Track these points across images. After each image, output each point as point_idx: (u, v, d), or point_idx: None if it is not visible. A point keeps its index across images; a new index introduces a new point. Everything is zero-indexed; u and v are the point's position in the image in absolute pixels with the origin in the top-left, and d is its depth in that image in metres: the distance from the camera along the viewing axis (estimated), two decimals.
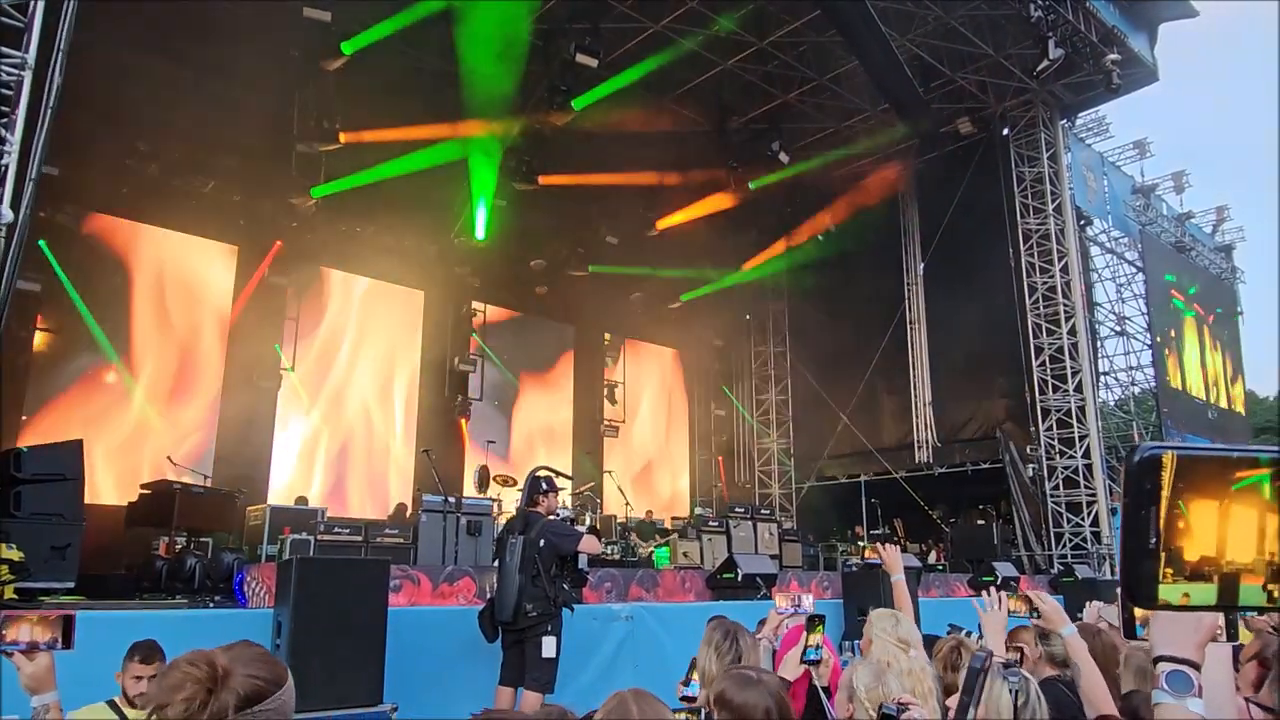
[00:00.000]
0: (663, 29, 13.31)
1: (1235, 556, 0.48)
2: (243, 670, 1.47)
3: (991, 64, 14.83)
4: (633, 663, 7.00)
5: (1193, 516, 0.49)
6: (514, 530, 5.96)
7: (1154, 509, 0.49)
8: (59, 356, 11.61)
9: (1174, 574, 0.48)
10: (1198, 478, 0.49)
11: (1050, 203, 15.43)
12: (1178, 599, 0.48)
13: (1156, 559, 0.48)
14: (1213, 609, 0.49)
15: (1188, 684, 1.30)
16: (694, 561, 11.28)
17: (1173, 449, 0.49)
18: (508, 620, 5.61)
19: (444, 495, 9.22)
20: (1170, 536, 0.48)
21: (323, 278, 14.42)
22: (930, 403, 17.02)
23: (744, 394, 19.95)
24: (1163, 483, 0.49)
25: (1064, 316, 15.11)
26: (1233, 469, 0.49)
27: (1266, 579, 0.48)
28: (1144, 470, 0.49)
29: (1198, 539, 0.49)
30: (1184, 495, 0.49)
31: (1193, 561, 0.49)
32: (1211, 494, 0.49)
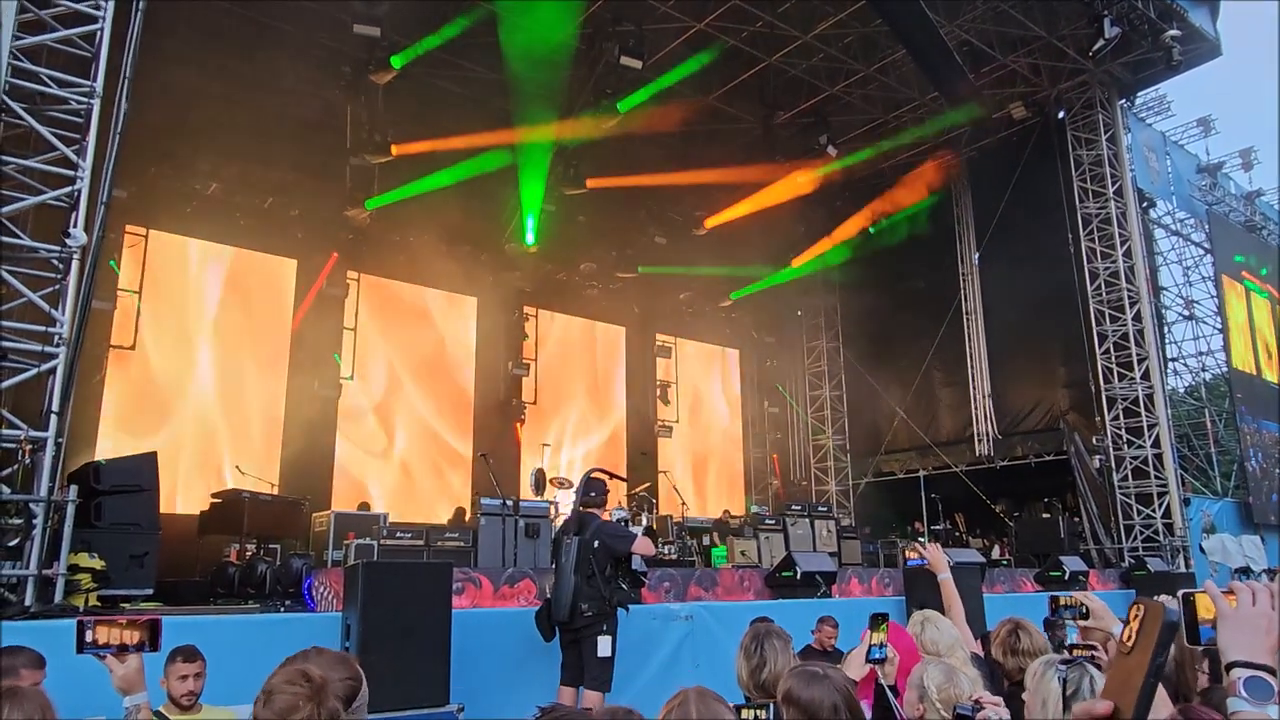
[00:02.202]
0: (705, 27, 13.27)
1: None
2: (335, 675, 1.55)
3: (1044, 46, 14.47)
4: (693, 662, 7.01)
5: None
6: (569, 531, 6.04)
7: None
8: (132, 373, 12.04)
9: None
10: None
11: (1110, 186, 15.00)
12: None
13: None
14: None
15: (1268, 691, 1.23)
16: (751, 560, 11.24)
17: None
18: (564, 620, 5.69)
19: (502, 499, 9.35)
20: None
21: (378, 287, 14.72)
22: (989, 394, 16.67)
23: (797, 390, 19.78)
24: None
25: (1128, 302, 14.68)
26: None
27: None
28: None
29: None
30: None
31: None
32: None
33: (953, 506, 15.15)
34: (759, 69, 14.47)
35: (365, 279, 14.47)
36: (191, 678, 3.87)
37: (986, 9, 13.48)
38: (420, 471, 14.69)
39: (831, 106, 15.60)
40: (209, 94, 11.73)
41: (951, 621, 3.81)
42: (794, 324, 19.76)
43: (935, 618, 3.69)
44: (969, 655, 3.43)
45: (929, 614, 3.71)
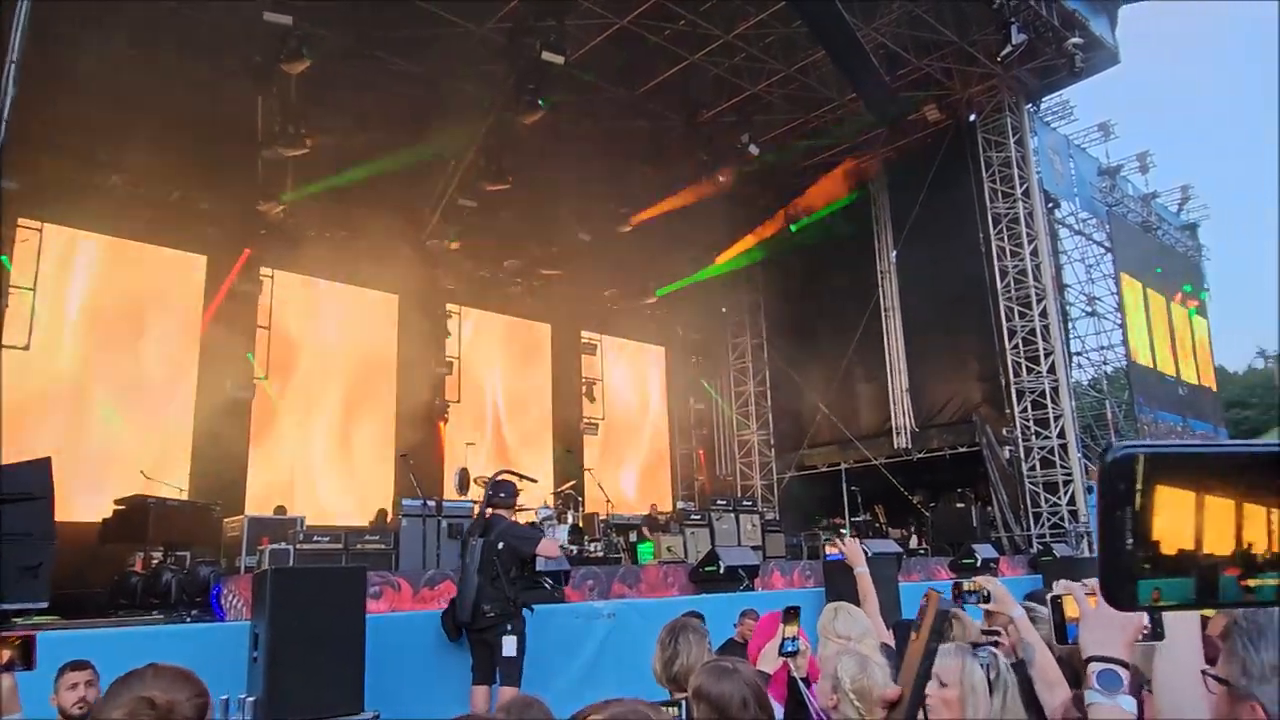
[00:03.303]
0: (628, 25, 13.27)
1: (1213, 550, 0.48)
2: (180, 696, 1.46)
3: (957, 51, 14.92)
4: (616, 660, 7.00)
5: (1170, 512, 0.48)
6: (475, 532, 6.05)
7: (1129, 509, 0.48)
8: (27, 373, 11.42)
9: (1151, 572, 0.48)
10: (1173, 474, 0.48)
11: (1019, 186, 15.57)
12: (1149, 596, 0.48)
13: (1133, 559, 0.48)
14: (1191, 607, 0.48)
15: (1118, 682, 1.33)
16: (678, 556, 11.30)
17: (1145, 449, 0.49)
18: (466, 620, 5.72)
19: (423, 500, 9.19)
20: (1147, 535, 0.47)
21: (294, 284, 14.30)
22: (907, 389, 17.13)
23: (722, 386, 20.00)
24: (1137, 482, 0.48)
25: (1035, 298, 15.26)
26: (1208, 462, 0.48)
27: (1243, 571, 0.48)
28: (1117, 471, 0.48)
29: (1176, 535, 0.48)
30: (1160, 491, 0.48)
31: (1170, 558, 0.48)
32: (1187, 488, 0.48)
33: (873, 498, 15.52)
34: (682, 67, 14.55)
35: (280, 276, 14.03)
36: (83, 685, 3.70)
37: (901, 13, 13.82)
38: (340, 473, 14.34)
39: (753, 105, 15.78)
40: (111, 83, 11.15)
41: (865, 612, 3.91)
42: (719, 321, 19.96)
43: (848, 608, 3.77)
44: (879, 644, 3.52)
45: (841, 604, 3.80)
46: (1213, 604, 0.49)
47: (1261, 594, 0.48)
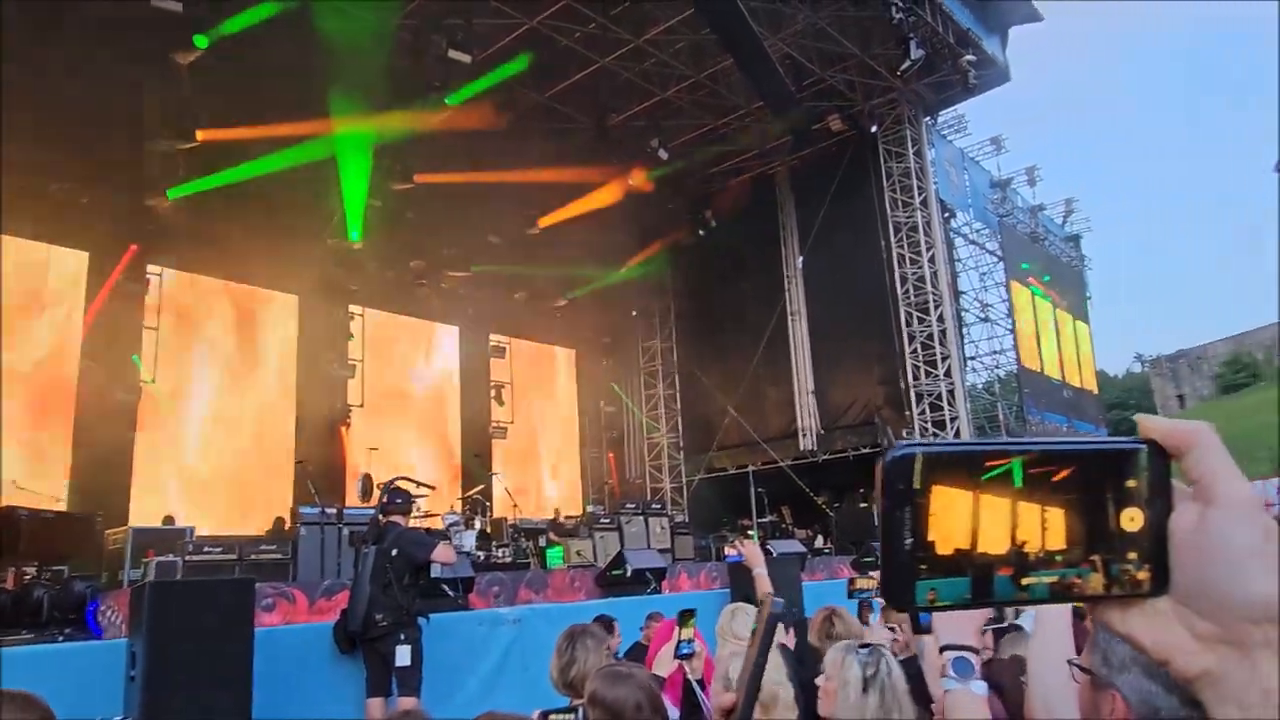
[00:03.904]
0: (538, 25, 13.19)
1: (988, 549, 0.48)
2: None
3: (859, 64, 15.37)
4: (522, 667, 6.90)
5: (946, 513, 0.48)
6: (367, 540, 5.90)
7: (907, 509, 0.47)
8: None
9: (928, 572, 0.47)
10: (950, 473, 0.48)
11: (917, 196, 16.14)
12: (925, 597, 0.47)
13: (912, 560, 0.47)
14: (965, 606, 0.48)
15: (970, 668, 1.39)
16: (587, 560, 11.26)
17: (922, 448, 0.48)
18: (358, 630, 5.57)
19: (321, 507, 8.90)
20: (924, 535, 0.47)
21: (185, 283, 13.65)
22: (813, 392, 17.53)
23: (633, 390, 20.06)
24: (915, 482, 0.48)
25: (933, 304, 15.84)
26: (983, 460, 0.48)
27: (1016, 570, 0.48)
28: (895, 471, 0.48)
29: (951, 536, 0.48)
30: (937, 491, 0.48)
31: (947, 558, 0.48)
32: (964, 487, 0.48)
33: (779, 499, 15.81)
34: (592, 70, 14.55)
35: (170, 274, 13.38)
36: None
37: (806, 25, 14.15)
38: (234, 481, 13.74)
39: (663, 110, 15.91)
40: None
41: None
42: (629, 324, 20.02)
43: (745, 608, 3.82)
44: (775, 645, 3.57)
45: (739, 606, 3.85)
46: (988, 603, 0.50)
47: (1035, 592, 0.49)
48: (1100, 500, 0.50)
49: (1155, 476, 0.51)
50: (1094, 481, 0.50)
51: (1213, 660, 0.48)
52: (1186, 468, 0.51)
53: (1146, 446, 0.51)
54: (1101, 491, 0.50)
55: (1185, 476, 0.51)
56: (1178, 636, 0.49)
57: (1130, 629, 0.51)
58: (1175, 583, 0.50)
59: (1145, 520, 0.50)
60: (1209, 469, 0.50)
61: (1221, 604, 0.48)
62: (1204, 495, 0.50)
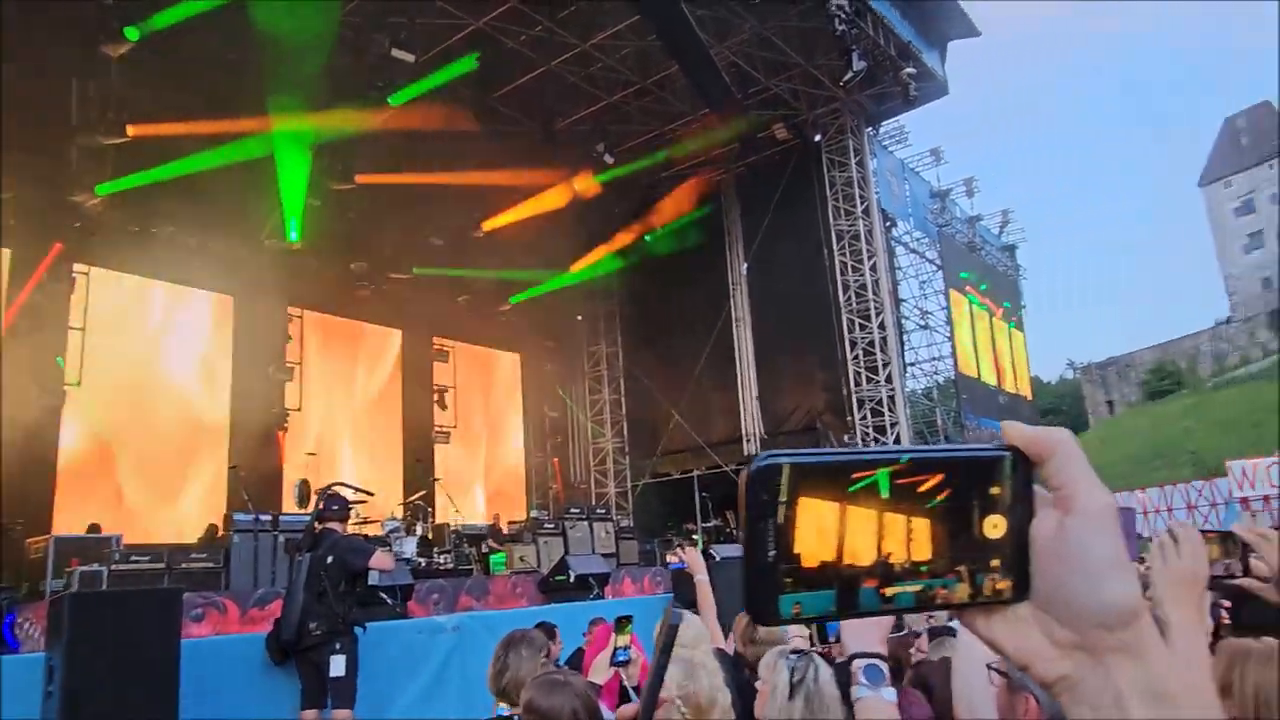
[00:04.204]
0: (484, 27, 13.09)
1: (854, 561, 0.47)
2: None
3: (803, 73, 15.58)
4: (461, 675, 6.81)
5: (813, 524, 0.47)
6: (302, 548, 5.78)
7: (771, 521, 0.47)
8: None
9: (792, 585, 0.46)
10: (817, 485, 0.47)
11: (859, 205, 16.41)
12: (790, 610, 0.46)
13: (776, 573, 0.46)
14: (831, 618, 0.48)
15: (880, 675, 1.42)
16: (531, 565, 11.18)
17: (788, 458, 0.47)
18: (291, 640, 5.45)
19: (255, 514, 8.68)
20: (790, 547, 0.46)
21: (113, 282, 13.18)
22: (757, 397, 17.68)
23: (578, 395, 20.00)
24: (780, 493, 0.47)
25: (874, 312, 16.12)
26: (850, 471, 0.47)
27: (882, 581, 0.47)
28: (760, 481, 0.47)
29: (818, 547, 0.47)
30: (803, 503, 0.47)
31: (812, 570, 0.47)
32: (831, 499, 0.47)
33: (724, 504, 15.88)
34: (539, 73, 14.49)
35: (97, 273, 12.90)
36: None
37: (752, 34, 14.30)
38: (165, 487, 13.31)
39: (610, 115, 15.91)
40: None
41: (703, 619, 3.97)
42: (574, 329, 19.96)
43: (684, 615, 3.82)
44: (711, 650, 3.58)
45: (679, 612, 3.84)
46: (853, 614, 0.49)
47: (900, 601, 0.49)
48: (966, 509, 0.50)
49: (1018, 484, 0.51)
50: (960, 490, 0.50)
51: (1069, 666, 0.49)
52: (1047, 475, 0.51)
53: (1010, 454, 0.51)
54: (967, 500, 0.50)
55: (1046, 484, 0.51)
56: (1037, 642, 0.50)
57: (993, 635, 0.51)
58: (1035, 589, 0.50)
59: (1007, 528, 0.50)
60: (1069, 477, 0.50)
61: (1077, 611, 0.49)
62: (1063, 503, 0.50)
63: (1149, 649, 0.48)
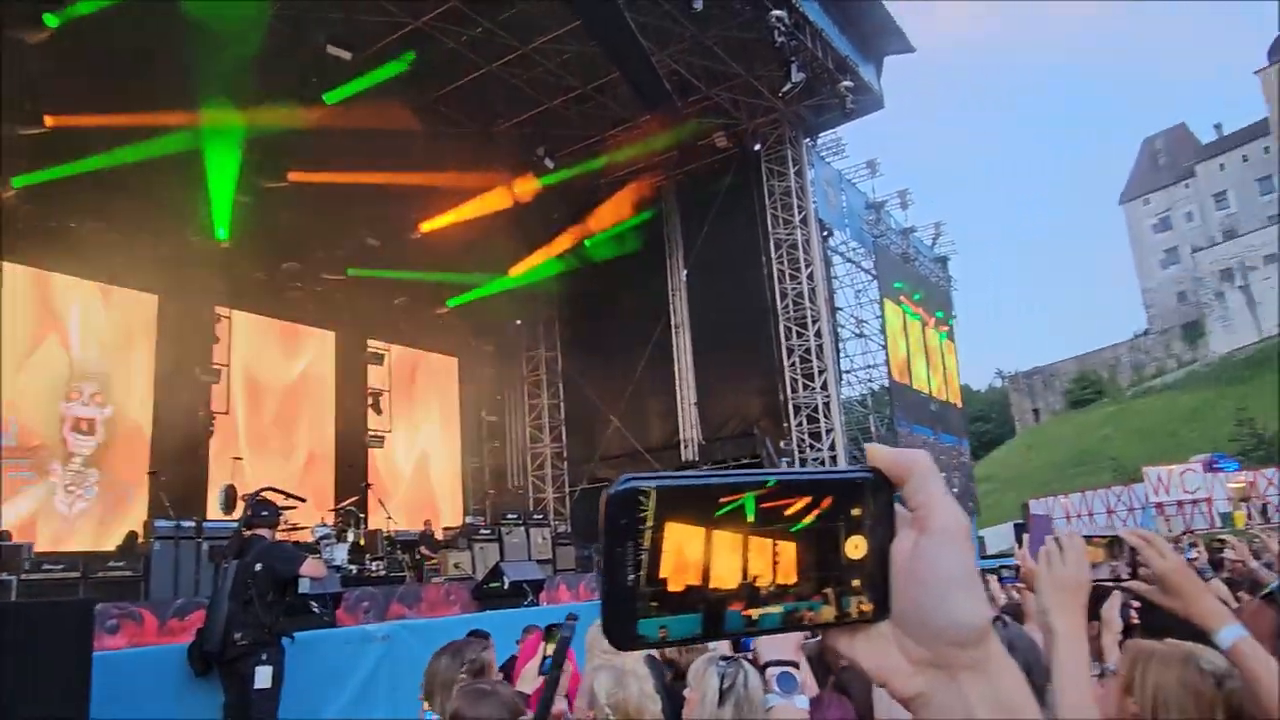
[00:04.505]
0: (424, 26, 12.93)
1: (720, 584, 0.47)
2: None
3: (743, 83, 15.75)
4: (390, 686, 6.68)
5: (679, 548, 0.47)
6: (229, 555, 5.60)
7: (631, 544, 0.46)
8: None
9: (658, 609, 0.46)
10: (682, 508, 0.47)
11: (797, 215, 16.66)
12: (657, 634, 0.46)
13: (634, 597, 0.46)
14: (698, 641, 0.47)
15: (794, 683, 1.44)
16: (465, 572, 11.06)
17: (652, 481, 0.47)
18: (214, 651, 5.27)
19: (177, 520, 8.40)
20: (654, 571, 0.45)
21: (27, 279, 12.63)
22: (695, 403, 17.79)
23: (516, 399, 19.86)
24: (642, 516, 0.46)
25: (811, 320, 16.37)
26: (716, 495, 0.47)
27: (748, 604, 0.47)
28: (620, 505, 0.46)
29: (684, 571, 0.46)
30: (669, 527, 0.46)
31: (678, 594, 0.46)
32: (697, 523, 0.47)
33: None
34: (479, 75, 14.37)
35: (11, 269, 12.33)
36: None
37: (692, 42, 14.41)
38: (83, 493, 12.78)
39: (550, 119, 15.86)
40: None
41: None
42: (513, 333, 19.82)
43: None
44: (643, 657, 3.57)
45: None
46: (720, 636, 0.49)
47: (765, 623, 0.49)
48: (831, 531, 0.51)
49: (879, 506, 0.52)
50: (825, 513, 0.51)
51: (923, 683, 0.50)
52: (906, 496, 0.52)
53: (872, 476, 0.52)
54: (833, 522, 0.51)
55: (906, 504, 0.53)
56: (895, 660, 0.51)
57: (855, 653, 0.52)
58: (894, 608, 0.51)
59: (869, 548, 0.51)
60: (925, 498, 0.52)
61: (931, 629, 0.50)
62: (919, 523, 0.52)
63: (997, 665, 0.50)
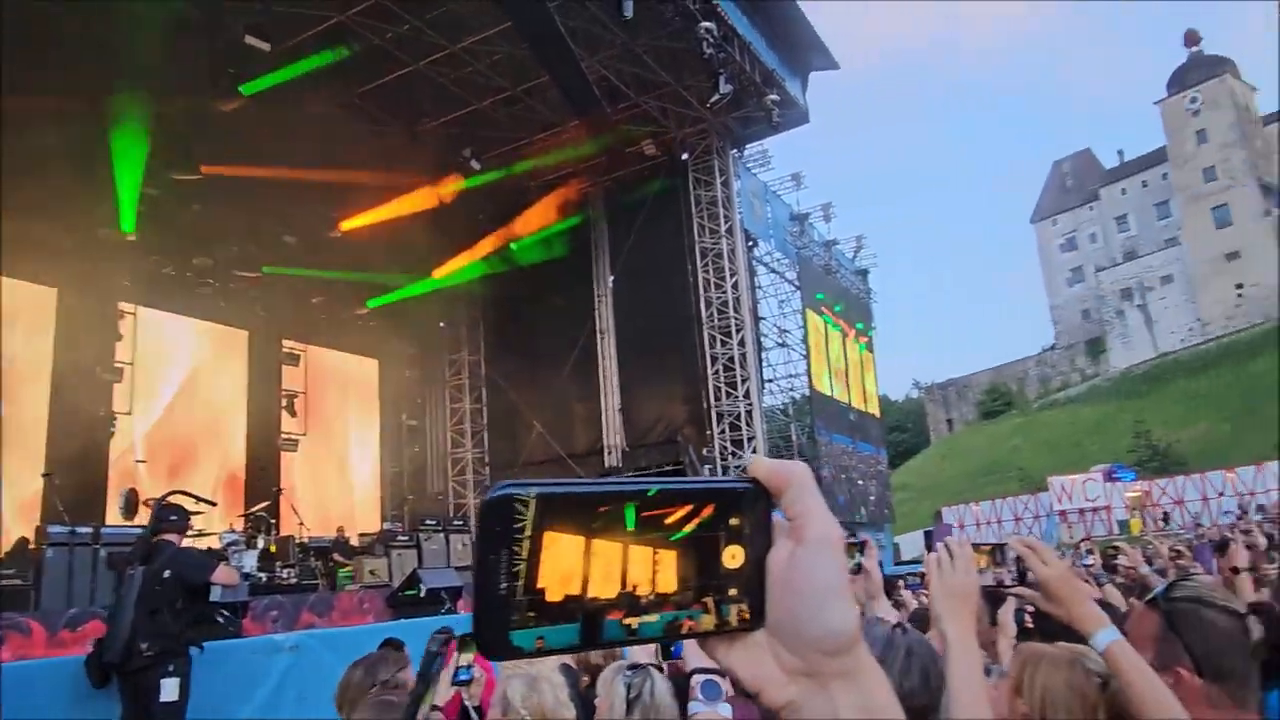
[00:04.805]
0: (348, 21, 12.64)
1: (599, 593, 0.46)
2: None
3: (673, 93, 15.86)
4: (298, 698, 6.46)
5: (558, 557, 0.45)
6: (135, 560, 5.34)
7: (505, 552, 0.44)
8: None
9: (535, 618, 0.44)
10: (561, 516, 0.45)
11: (723, 224, 16.85)
12: (533, 644, 0.44)
13: (509, 606, 0.44)
14: (576, 650, 0.46)
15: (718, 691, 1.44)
16: (382, 579, 10.82)
17: (531, 489, 0.45)
18: (116, 661, 5.02)
19: (71, 525, 7.97)
20: (532, 580, 0.44)
21: None
22: (619, 409, 17.79)
23: (438, 403, 19.53)
24: (519, 524, 0.45)
25: (735, 329, 16.57)
26: (596, 504, 0.46)
27: (628, 613, 0.46)
28: (494, 512, 0.45)
29: (563, 580, 0.45)
30: (548, 536, 0.45)
31: (556, 604, 0.45)
32: (576, 531, 0.46)
33: None
34: (405, 73, 14.11)
35: None
36: None
37: (622, 49, 14.44)
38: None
39: (478, 120, 15.68)
40: None
41: None
42: (435, 336, 19.50)
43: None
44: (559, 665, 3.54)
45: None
46: (598, 646, 0.48)
47: (645, 632, 0.49)
48: (711, 540, 0.51)
49: (758, 516, 0.52)
50: (705, 522, 0.51)
51: (795, 691, 0.50)
52: (784, 506, 0.53)
53: (752, 486, 0.53)
54: (712, 531, 0.51)
55: (784, 514, 0.53)
56: (768, 669, 0.51)
57: (730, 662, 0.52)
58: (768, 617, 0.51)
59: (746, 558, 0.51)
60: (802, 508, 0.52)
61: (803, 637, 0.50)
62: (796, 533, 0.52)
63: (865, 674, 0.51)
